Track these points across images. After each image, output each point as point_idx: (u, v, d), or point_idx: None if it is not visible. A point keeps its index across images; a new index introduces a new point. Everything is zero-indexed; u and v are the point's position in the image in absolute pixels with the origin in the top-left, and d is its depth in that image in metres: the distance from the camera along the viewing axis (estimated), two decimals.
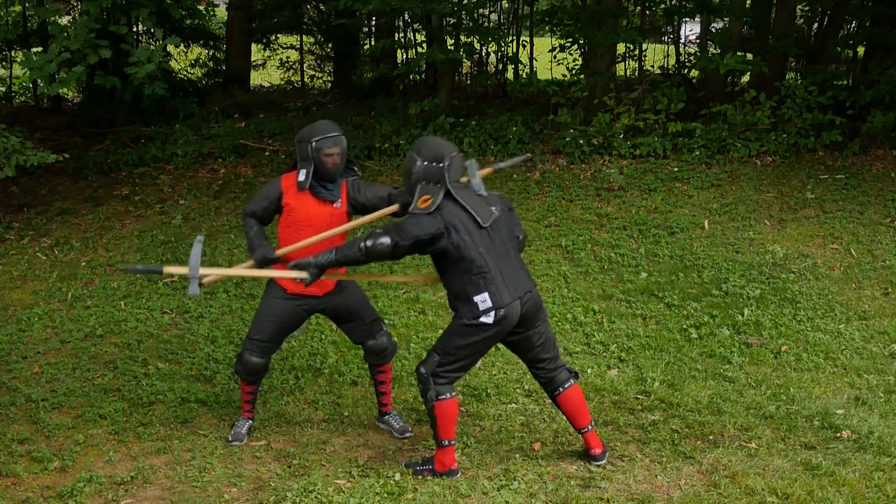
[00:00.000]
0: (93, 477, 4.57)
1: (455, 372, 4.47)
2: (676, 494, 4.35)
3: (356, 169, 4.97)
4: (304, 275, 4.43)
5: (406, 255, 4.46)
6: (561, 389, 4.60)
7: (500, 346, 6.06)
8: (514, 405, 5.36)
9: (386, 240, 4.28)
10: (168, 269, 4.54)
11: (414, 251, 4.38)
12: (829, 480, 4.42)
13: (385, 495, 4.36)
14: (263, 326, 4.86)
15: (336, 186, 4.80)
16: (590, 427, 4.65)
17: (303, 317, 4.94)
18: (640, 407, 5.29)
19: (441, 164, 4.37)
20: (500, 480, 4.48)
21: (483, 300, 4.31)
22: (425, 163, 4.37)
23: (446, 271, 4.42)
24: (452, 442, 4.53)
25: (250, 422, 5.08)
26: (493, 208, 4.46)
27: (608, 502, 4.28)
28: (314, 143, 4.70)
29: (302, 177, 4.72)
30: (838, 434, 4.92)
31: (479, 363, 5.84)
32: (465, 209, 4.36)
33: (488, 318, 4.31)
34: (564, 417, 4.82)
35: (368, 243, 4.30)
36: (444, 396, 4.44)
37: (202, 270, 4.41)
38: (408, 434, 5.06)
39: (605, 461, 4.65)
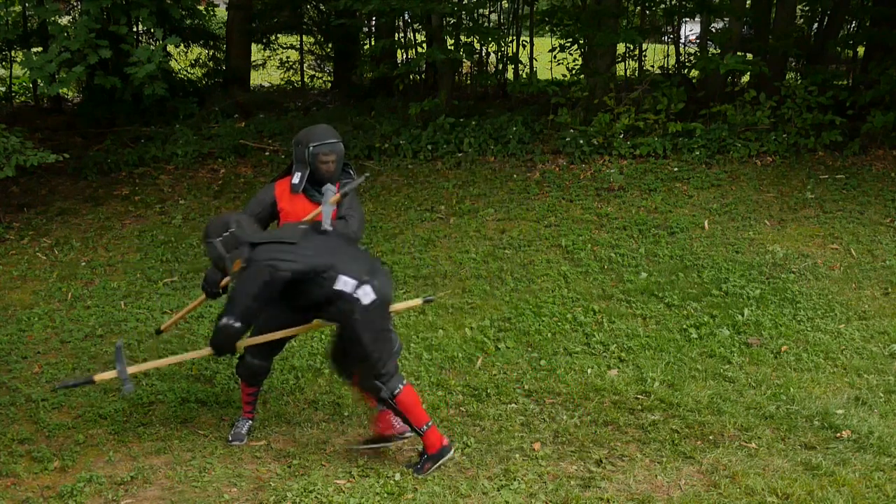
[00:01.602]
0: (93, 477, 4.57)
1: (388, 362, 4.52)
2: (676, 494, 4.35)
3: (352, 172, 4.98)
4: (210, 351, 4.60)
5: (259, 314, 4.50)
6: None
7: (501, 345, 6.07)
8: (514, 405, 5.36)
9: (229, 320, 4.35)
10: (99, 378, 4.63)
11: (263, 305, 4.41)
12: (829, 480, 4.42)
13: (385, 495, 4.36)
14: (267, 329, 4.85)
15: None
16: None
17: (307, 319, 4.93)
18: (640, 407, 5.28)
19: (230, 231, 4.46)
20: (500, 480, 4.47)
21: (345, 283, 4.35)
22: (219, 238, 4.47)
23: (303, 293, 4.45)
24: (429, 424, 4.59)
25: (250, 422, 5.08)
26: (301, 225, 4.59)
27: (608, 502, 4.28)
28: (311, 148, 4.72)
29: (296, 179, 4.76)
30: (838, 434, 4.92)
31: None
32: (271, 242, 4.46)
33: (368, 296, 4.37)
34: (564, 418, 5.00)
35: (219, 325, 4.38)
36: (398, 390, 4.51)
37: (129, 369, 4.56)
38: (408, 434, 5.05)
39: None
